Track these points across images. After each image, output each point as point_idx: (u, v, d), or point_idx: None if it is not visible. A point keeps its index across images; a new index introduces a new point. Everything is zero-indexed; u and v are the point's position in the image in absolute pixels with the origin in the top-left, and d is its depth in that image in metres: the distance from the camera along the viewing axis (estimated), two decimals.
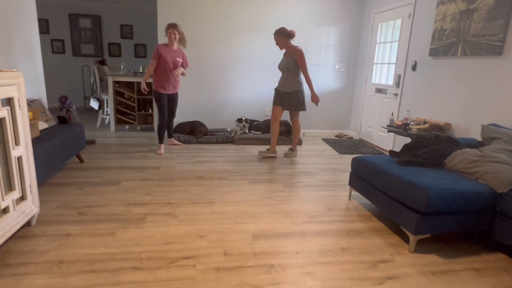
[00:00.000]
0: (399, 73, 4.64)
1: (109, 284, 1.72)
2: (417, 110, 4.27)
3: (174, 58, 4.05)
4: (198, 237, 2.23)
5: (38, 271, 1.80)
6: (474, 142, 2.84)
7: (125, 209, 2.61)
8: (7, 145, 1.96)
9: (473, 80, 3.42)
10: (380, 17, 5.11)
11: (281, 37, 3.93)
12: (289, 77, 4.03)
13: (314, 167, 3.99)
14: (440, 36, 3.79)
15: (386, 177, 2.40)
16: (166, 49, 4.02)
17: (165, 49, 4.01)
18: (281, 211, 2.72)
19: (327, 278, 1.86)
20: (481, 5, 3.26)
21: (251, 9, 5.27)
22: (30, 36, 3.63)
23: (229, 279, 1.81)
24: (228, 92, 5.57)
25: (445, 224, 2.13)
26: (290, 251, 2.12)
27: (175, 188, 3.09)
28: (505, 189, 2.11)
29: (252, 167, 3.87)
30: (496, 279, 1.93)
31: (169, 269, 1.87)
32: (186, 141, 4.87)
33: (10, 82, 1.94)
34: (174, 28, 3.99)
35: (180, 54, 4.16)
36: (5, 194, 1.95)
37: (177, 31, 3.99)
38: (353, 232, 2.42)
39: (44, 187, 2.98)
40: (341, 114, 6.03)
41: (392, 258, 2.10)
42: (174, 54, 4.06)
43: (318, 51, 5.63)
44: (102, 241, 2.13)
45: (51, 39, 7.55)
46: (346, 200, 3.02)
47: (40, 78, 3.87)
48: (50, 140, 2.92)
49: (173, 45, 4.06)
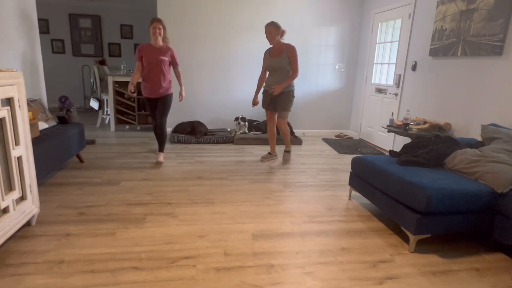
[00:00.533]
0: (399, 73, 4.64)
1: (109, 284, 1.72)
2: (417, 110, 4.27)
3: (158, 57, 3.54)
4: (198, 237, 2.23)
5: (38, 271, 1.80)
6: (474, 142, 2.83)
7: (125, 209, 2.61)
8: (7, 145, 1.96)
9: (473, 80, 3.41)
10: (380, 17, 5.11)
11: (277, 30, 3.64)
12: (281, 77, 3.74)
13: (314, 167, 3.99)
14: (440, 36, 3.79)
15: (386, 177, 2.40)
16: (148, 48, 3.57)
17: (147, 49, 3.57)
18: (281, 211, 2.72)
19: (327, 278, 1.86)
20: (481, 5, 3.26)
21: (251, 9, 5.27)
22: (30, 36, 3.63)
23: (229, 279, 1.81)
24: (228, 92, 5.57)
25: (445, 224, 2.13)
26: (290, 251, 2.12)
27: (175, 188, 3.09)
28: (505, 189, 2.11)
29: (252, 167, 3.87)
30: (496, 279, 1.93)
31: (169, 269, 1.87)
32: (186, 141, 4.87)
33: (10, 82, 1.94)
34: (158, 23, 3.53)
35: (167, 51, 3.62)
36: (5, 194, 1.95)
37: (162, 26, 3.55)
38: (353, 232, 2.42)
39: (44, 187, 2.98)
40: (341, 114, 6.03)
41: (392, 258, 2.10)
42: (159, 52, 3.56)
43: (318, 51, 5.63)
44: (102, 241, 2.13)
45: (51, 39, 7.54)
46: (346, 200, 3.02)
47: (40, 78, 3.87)
48: (50, 140, 2.92)
49: (157, 42, 3.58)
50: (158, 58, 3.54)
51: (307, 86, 5.74)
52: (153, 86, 3.61)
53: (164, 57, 3.57)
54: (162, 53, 3.57)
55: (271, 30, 3.65)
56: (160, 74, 3.59)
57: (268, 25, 3.65)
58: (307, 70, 5.66)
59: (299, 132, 5.91)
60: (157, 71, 3.58)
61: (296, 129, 5.88)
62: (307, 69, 5.66)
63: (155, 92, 3.63)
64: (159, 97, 3.68)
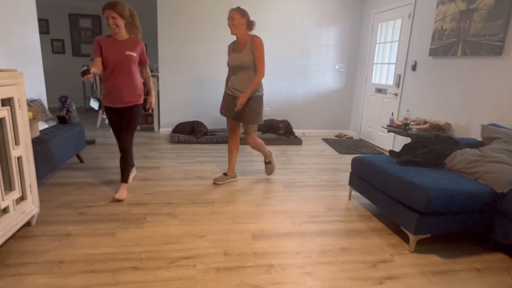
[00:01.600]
0: (399, 73, 4.64)
1: (109, 284, 1.72)
2: (417, 110, 4.27)
3: (124, 52, 2.67)
4: (198, 237, 2.23)
5: (38, 271, 1.80)
6: (474, 142, 2.83)
7: (125, 209, 2.61)
8: (7, 145, 1.96)
9: (473, 80, 3.41)
10: (380, 17, 5.11)
11: (244, 18, 2.90)
12: (245, 79, 2.97)
13: (314, 167, 3.99)
14: (440, 36, 3.79)
15: (386, 177, 2.40)
16: (109, 42, 2.68)
17: (107, 42, 2.67)
18: (281, 211, 2.72)
19: (327, 278, 1.86)
20: (481, 5, 3.26)
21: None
22: (30, 36, 3.63)
23: (229, 279, 1.81)
24: None
25: (445, 224, 2.13)
26: (290, 251, 2.12)
27: (175, 188, 3.09)
28: (505, 189, 2.11)
29: (252, 167, 3.87)
30: (496, 279, 1.93)
31: (169, 269, 1.87)
32: (186, 141, 4.87)
33: (10, 82, 1.94)
34: (111, 10, 2.55)
35: (135, 46, 2.74)
36: (5, 194, 1.95)
37: (118, 14, 2.58)
38: (353, 232, 2.42)
39: (44, 187, 2.98)
40: (341, 114, 6.03)
41: (392, 258, 2.10)
42: (125, 46, 2.69)
43: (318, 51, 5.63)
44: (102, 241, 2.13)
45: (51, 39, 7.55)
46: (346, 200, 3.02)
47: (40, 78, 3.87)
48: (50, 140, 2.92)
49: (121, 34, 2.70)
50: (124, 54, 2.67)
51: (307, 86, 5.74)
52: (118, 92, 2.70)
53: (132, 53, 2.70)
54: (129, 48, 2.71)
55: (234, 16, 2.87)
56: (128, 76, 2.72)
57: (232, 10, 2.90)
58: (307, 70, 5.66)
59: (299, 132, 5.92)
60: (123, 72, 2.70)
61: (296, 129, 5.88)
62: (307, 69, 5.66)
63: (120, 100, 2.72)
64: (126, 108, 2.77)
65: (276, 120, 5.31)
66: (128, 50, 2.69)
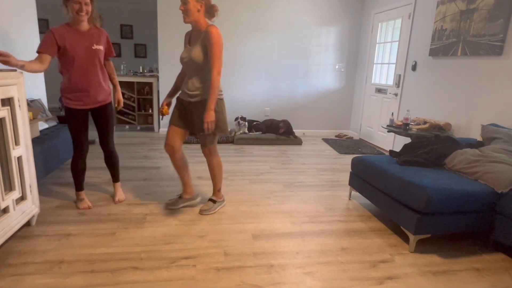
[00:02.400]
0: (399, 73, 4.64)
1: (109, 284, 1.72)
2: (417, 110, 4.27)
3: (91, 46, 2.34)
4: (198, 237, 2.23)
5: (38, 271, 1.80)
6: (474, 142, 2.84)
7: (125, 209, 2.61)
8: (7, 145, 1.96)
9: (473, 80, 3.41)
10: (380, 17, 5.11)
11: (200, 2, 2.20)
12: (201, 76, 2.32)
13: (314, 167, 3.99)
14: (440, 36, 3.79)
15: (386, 177, 2.40)
16: (72, 34, 2.30)
17: (69, 35, 2.29)
18: (281, 211, 2.72)
19: (327, 278, 1.86)
20: (481, 5, 3.26)
21: (251, 9, 5.26)
22: (30, 36, 3.63)
23: (229, 279, 1.81)
24: (228, 92, 5.57)
25: (445, 224, 2.13)
26: (290, 251, 2.12)
27: (175, 188, 3.09)
28: (505, 189, 2.11)
29: (252, 167, 3.87)
30: (496, 279, 1.93)
31: (169, 269, 1.87)
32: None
33: (10, 82, 1.94)
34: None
35: (100, 37, 2.42)
36: (5, 194, 1.95)
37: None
38: (353, 232, 2.42)
39: (44, 187, 2.98)
40: (341, 114, 6.03)
41: (392, 258, 2.10)
42: (91, 39, 2.35)
43: (318, 51, 5.63)
44: (102, 241, 2.13)
45: None
46: (346, 200, 3.02)
47: (40, 78, 3.87)
48: (50, 140, 2.92)
49: (83, 25, 2.34)
50: (92, 49, 2.34)
51: (307, 86, 5.74)
52: (91, 90, 2.40)
53: (100, 47, 2.39)
54: (96, 41, 2.37)
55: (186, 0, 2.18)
56: (98, 72, 2.43)
57: None
58: (307, 70, 5.66)
59: (299, 132, 5.92)
60: (93, 68, 2.38)
61: (296, 129, 5.88)
62: (307, 69, 5.66)
63: (94, 99, 2.43)
64: (99, 107, 2.49)
65: (276, 120, 5.32)
66: (95, 43, 2.36)
